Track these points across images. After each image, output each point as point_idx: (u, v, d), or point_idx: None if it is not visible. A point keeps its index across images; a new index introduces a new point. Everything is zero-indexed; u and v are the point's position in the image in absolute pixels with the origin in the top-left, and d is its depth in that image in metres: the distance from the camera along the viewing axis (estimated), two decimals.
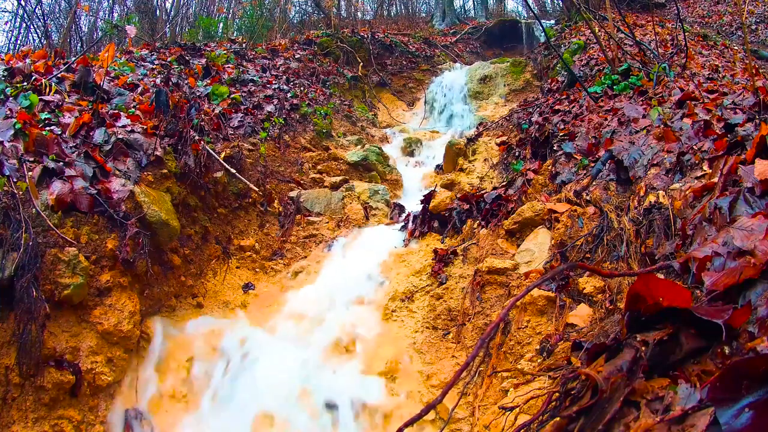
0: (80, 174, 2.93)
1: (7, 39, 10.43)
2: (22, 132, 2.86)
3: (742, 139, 2.14)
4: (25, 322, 2.36)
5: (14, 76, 3.66)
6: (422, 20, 16.19)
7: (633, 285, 1.14)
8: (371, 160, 5.85)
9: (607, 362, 1.07)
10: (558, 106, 5.27)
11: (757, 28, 10.46)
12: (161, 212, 3.20)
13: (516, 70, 9.57)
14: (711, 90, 3.72)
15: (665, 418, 0.87)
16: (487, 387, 2.49)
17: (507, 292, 2.95)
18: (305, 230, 4.59)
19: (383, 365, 2.99)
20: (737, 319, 1.02)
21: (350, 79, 9.55)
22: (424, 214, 4.33)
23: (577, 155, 3.72)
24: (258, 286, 3.95)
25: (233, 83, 6.15)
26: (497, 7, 18.76)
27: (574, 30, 8.50)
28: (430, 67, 10.95)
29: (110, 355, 2.73)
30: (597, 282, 2.46)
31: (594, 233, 2.68)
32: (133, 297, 2.93)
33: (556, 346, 2.31)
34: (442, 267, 3.53)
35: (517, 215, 3.30)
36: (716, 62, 6.36)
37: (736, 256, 1.30)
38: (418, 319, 3.30)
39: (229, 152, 4.47)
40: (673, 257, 1.83)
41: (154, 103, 3.95)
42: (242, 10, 11.77)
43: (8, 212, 2.47)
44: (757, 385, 0.79)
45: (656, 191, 2.43)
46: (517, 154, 4.98)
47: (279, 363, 3.01)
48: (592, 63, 6.33)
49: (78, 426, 2.50)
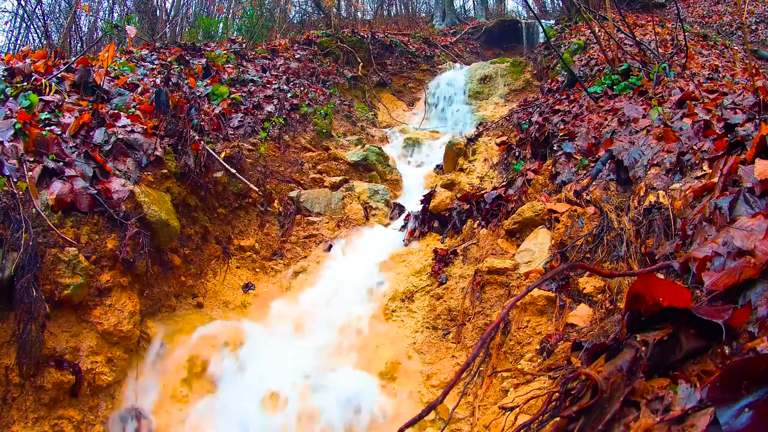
0: (80, 174, 2.93)
1: (7, 39, 10.45)
2: (22, 132, 2.86)
3: (742, 139, 2.14)
4: (25, 322, 2.36)
5: (14, 76, 3.66)
6: (422, 20, 16.18)
7: (633, 285, 1.14)
8: (371, 160, 5.85)
9: (607, 362, 1.07)
10: (558, 106, 5.27)
11: (757, 28, 10.46)
12: (161, 212, 3.20)
13: (516, 70, 9.57)
14: (711, 90, 3.72)
15: (665, 418, 0.87)
16: (487, 387, 2.49)
17: (507, 292, 2.95)
18: (305, 230, 4.59)
19: (383, 365, 3.00)
20: (737, 319, 1.02)
21: (350, 79, 9.55)
22: (424, 214, 4.33)
23: (577, 155, 3.72)
24: (258, 286, 3.95)
25: (233, 83, 6.15)
26: (497, 7, 18.74)
27: (574, 30, 8.50)
28: (430, 67, 10.94)
29: (110, 355, 2.73)
30: (597, 282, 2.46)
31: (594, 233, 2.68)
32: (133, 297, 2.93)
33: (556, 346, 2.31)
34: (442, 267, 3.53)
35: (517, 215, 3.30)
36: (716, 62, 6.36)
37: (736, 256, 1.30)
38: (418, 319, 3.30)
39: (229, 152, 4.47)
40: (673, 257, 1.83)
41: (154, 103, 3.95)
42: (242, 10, 11.77)
43: (8, 212, 2.47)
44: (757, 385, 0.79)
45: (656, 191, 2.43)
46: (517, 154, 4.98)
47: (279, 363, 3.01)
48: (592, 63, 6.33)
49: (78, 426, 2.50)
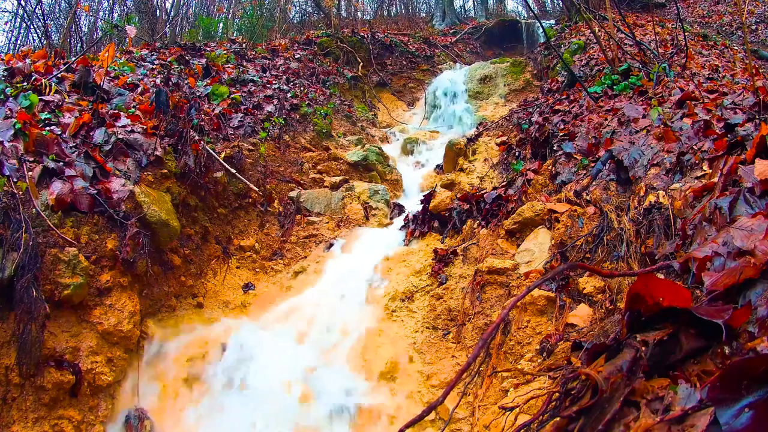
0: (80, 174, 2.93)
1: (7, 39, 10.44)
2: (22, 132, 2.86)
3: (742, 139, 2.14)
4: (25, 322, 2.36)
5: (14, 76, 3.66)
6: (422, 20, 16.17)
7: (633, 285, 1.14)
8: (371, 160, 5.85)
9: (607, 362, 1.07)
10: (558, 106, 5.27)
11: (757, 28, 10.46)
12: (161, 212, 3.20)
13: (516, 70, 9.56)
14: (711, 90, 3.72)
15: (665, 418, 0.87)
16: (487, 387, 2.49)
17: (507, 292, 2.95)
18: (305, 230, 4.59)
19: (383, 365, 3.00)
20: (737, 319, 1.02)
21: (350, 79, 9.55)
22: (424, 214, 4.33)
23: (577, 155, 3.72)
24: (258, 286, 3.95)
25: (233, 83, 6.15)
26: (497, 7, 18.74)
27: (574, 30, 8.50)
28: (430, 67, 10.93)
29: (110, 355, 2.73)
30: (597, 282, 2.46)
31: (594, 233, 2.68)
32: (133, 297, 2.93)
33: (556, 346, 2.31)
34: (442, 267, 3.53)
35: (517, 215, 3.30)
36: (716, 62, 6.36)
37: (736, 256, 1.30)
38: (418, 319, 3.30)
39: (229, 152, 4.47)
40: (673, 257, 1.83)
41: (154, 103, 3.95)
42: (242, 10, 11.76)
43: (8, 212, 2.47)
44: (757, 385, 0.79)
45: (656, 191, 2.43)
46: (517, 154, 4.98)
47: (278, 362, 3.01)
48: (592, 63, 6.33)
49: (78, 426, 2.50)
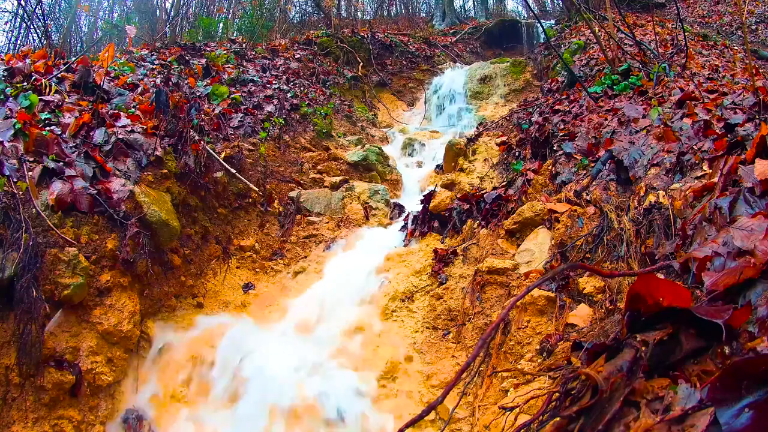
0: (80, 174, 2.93)
1: (7, 39, 10.42)
2: (22, 132, 2.86)
3: (742, 139, 2.14)
4: (25, 322, 2.36)
5: (14, 76, 3.66)
6: (422, 20, 16.18)
7: (633, 285, 1.14)
8: (371, 160, 5.85)
9: (607, 362, 1.07)
10: (558, 106, 5.27)
11: (757, 28, 10.46)
12: (161, 212, 3.20)
13: (516, 70, 9.56)
14: (711, 90, 3.72)
15: (665, 418, 0.87)
16: (487, 387, 2.49)
17: (507, 292, 2.95)
18: (305, 230, 4.59)
19: (383, 365, 2.99)
20: (737, 319, 1.02)
21: (350, 79, 9.55)
22: (424, 214, 4.33)
23: (577, 155, 3.72)
24: (258, 286, 3.95)
25: (233, 83, 6.15)
26: (497, 7, 18.75)
27: (574, 30, 8.50)
28: (430, 67, 10.93)
29: (110, 355, 2.73)
30: (597, 282, 2.46)
31: (594, 233, 2.68)
32: (133, 297, 2.93)
33: (556, 346, 2.31)
34: (442, 267, 3.53)
35: (517, 215, 3.30)
36: (716, 62, 6.36)
37: (736, 256, 1.30)
38: (418, 319, 3.30)
39: (229, 152, 4.47)
40: (673, 257, 1.84)
41: (154, 103, 3.95)
42: (242, 10, 11.77)
43: (8, 212, 2.47)
44: (757, 385, 0.79)
45: (656, 191, 2.43)
46: (517, 154, 4.98)
47: (278, 362, 3.01)
48: (592, 63, 6.33)
49: (78, 426, 2.50)
